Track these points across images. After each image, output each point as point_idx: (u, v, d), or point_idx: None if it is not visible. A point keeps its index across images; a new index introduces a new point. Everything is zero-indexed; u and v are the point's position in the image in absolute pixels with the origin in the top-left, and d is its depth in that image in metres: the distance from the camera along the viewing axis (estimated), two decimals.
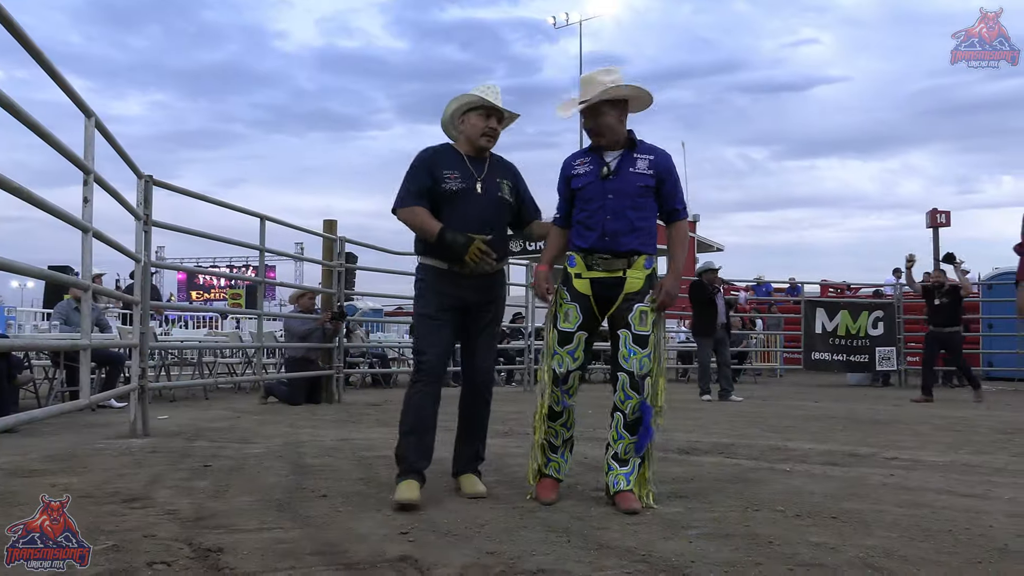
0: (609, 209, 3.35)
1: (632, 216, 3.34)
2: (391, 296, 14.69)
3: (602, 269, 3.38)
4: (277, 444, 5.12)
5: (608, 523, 3.01)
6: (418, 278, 3.53)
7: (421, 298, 3.48)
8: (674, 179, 3.44)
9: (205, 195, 6.96)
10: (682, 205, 3.47)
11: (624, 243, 3.34)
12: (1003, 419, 7.45)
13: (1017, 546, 2.70)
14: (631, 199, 3.35)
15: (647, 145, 3.47)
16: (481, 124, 3.50)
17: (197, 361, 10.38)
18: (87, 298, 4.64)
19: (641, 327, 3.32)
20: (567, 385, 3.40)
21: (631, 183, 3.36)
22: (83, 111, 4.49)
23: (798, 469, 4.30)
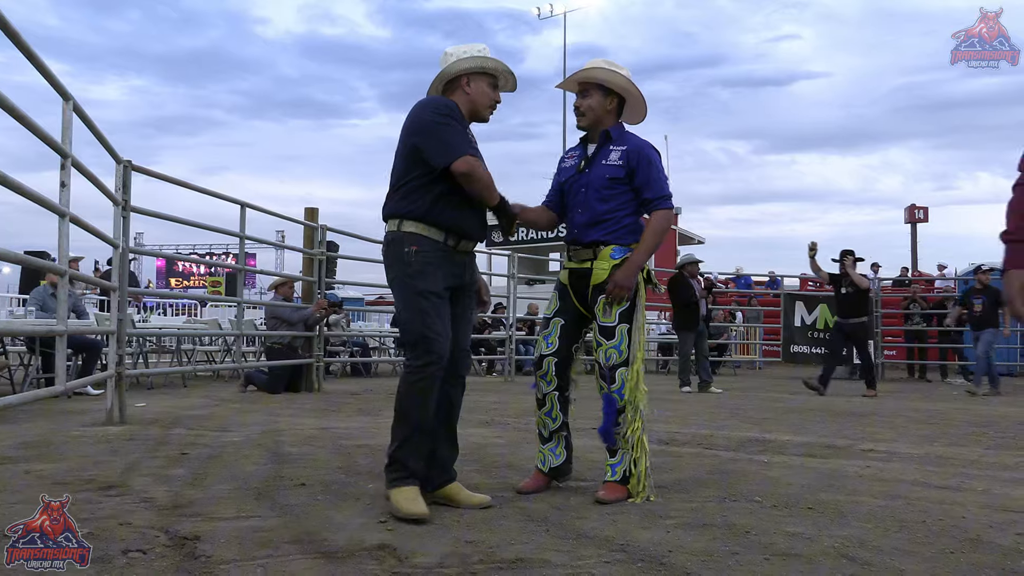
0: (580, 202, 3.40)
1: (598, 208, 3.35)
2: (373, 285, 14.67)
3: (574, 260, 3.43)
4: (256, 432, 5.09)
5: (587, 513, 3.02)
6: (411, 250, 3.00)
7: (421, 274, 2.99)
8: (647, 168, 3.35)
9: (185, 181, 6.90)
10: (656, 195, 3.35)
11: (589, 234, 3.36)
12: (977, 412, 7.55)
13: (989, 537, 2.74)
14: (598, 191, 3.36)
15: (626, 136, 3.45)
16: (491, 95, 3.21)
17: (176, 348, 10.31)
18: (64, 284, 4.58)
19: (606, 318, 3.31)
20: (542, 371, 3.41)
21: (600, 175, 3.37)
22: (61, 94, 4.43)
23: (776, 460, 4.34)
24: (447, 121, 2.98)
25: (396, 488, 2.92)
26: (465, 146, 2.96)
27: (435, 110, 3.01)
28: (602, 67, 3.41)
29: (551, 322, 3.45)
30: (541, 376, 3.42)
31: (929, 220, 24.00)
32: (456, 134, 2.97)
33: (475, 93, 3.16)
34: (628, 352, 3.32)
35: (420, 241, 3.01)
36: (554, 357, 3.41)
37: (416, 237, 3.01)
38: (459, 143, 2.96)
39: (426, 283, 2.98)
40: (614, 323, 3.31)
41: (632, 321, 3.35)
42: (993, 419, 6.85)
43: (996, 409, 7.99)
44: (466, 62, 3.13)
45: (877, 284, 13.91)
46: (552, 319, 3.45)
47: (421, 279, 2.99)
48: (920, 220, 23.58)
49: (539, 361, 3.43)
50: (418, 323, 2.96)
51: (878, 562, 2.41)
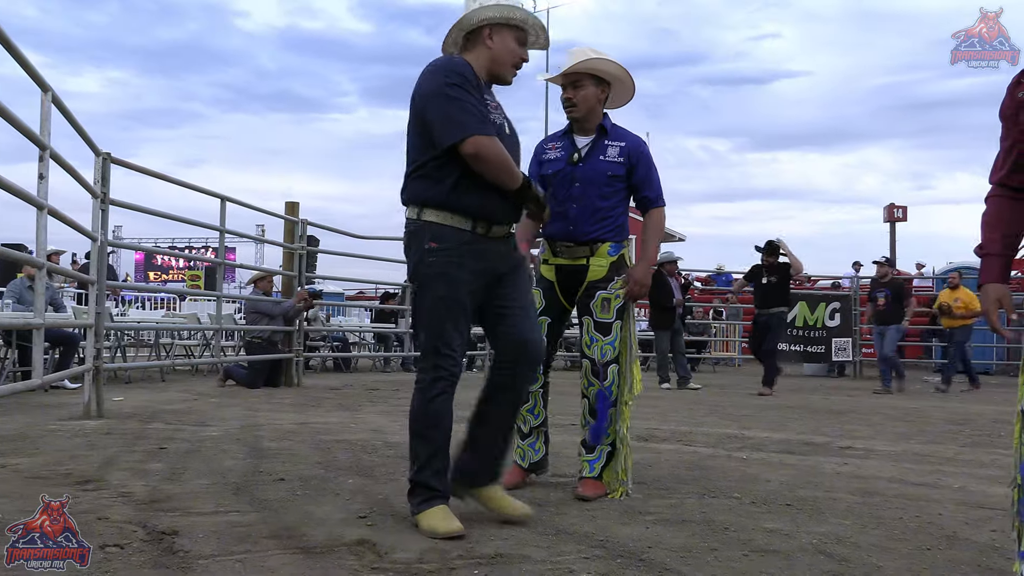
0: (576, 196, 3.32)
1: (599, 204, 3.31)
2: (354, 280, 14.61)
3: (565, 257, 3.36)
4: (235, 427, 5.06)
5: (567, 509, 3.03)
6: (431, 248, 2.63)
7: (441, 276, 2.63)
8: (646, 166, 3.36)
9: (164, 174, 6.84)
10: (655, 193, 3.38)
11: (587, 231, 3.32)
12: (954, 410, 7.63)
13: (965, 533, 2.77)
14: (598, 187, 3.31)
15: (620, 131, 3.42)
16: (517, 51, 2.79)
17: (154, 342, 10.22)
18: (41, 276, 4.53)
19: (603, 314, 3.31)
20: None
21: (600, 171, 3.32)
22: (39, 85, 4.38)
23: (754, 457, 4.37)
24: (456, 92, 2.56)
25: (424, 512, 2.61)
26: (474, 122, 2.55)
27: (444, 76, 2.59)
28: (598, 56, 3.32)
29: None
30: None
31: (908, 219, 24.21)
32: (465, 107, 2.55)
33: (498, 48, 2.74)
34: (619, 349, 3.33)
35: (443, 233, 2.64)
36: None
37: (438, 228, 2.63)
38: (467, 119, 2.55)
39: (445, 287, 2.63)
40: (611, 320, 3.30)
41: (625, 319, 3.36)
42: (969, 417, 6.93)
43: (972, 407, 8.09)
44: (490, 10, 2.72)
45: (856, 283, 14.02)
46: (539, 318, 3.40)
47: (439, 282, 2.63)
48: (899, 219, 23.78)
49: None
50: (430, 334, 2.65)
51: (855, 558, 2.43)
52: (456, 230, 2.65)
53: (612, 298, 3.32)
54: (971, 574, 2.35)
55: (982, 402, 8.79)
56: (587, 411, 3.35)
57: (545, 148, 3.48)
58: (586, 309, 3.34)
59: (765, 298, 9.62)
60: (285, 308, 8.73)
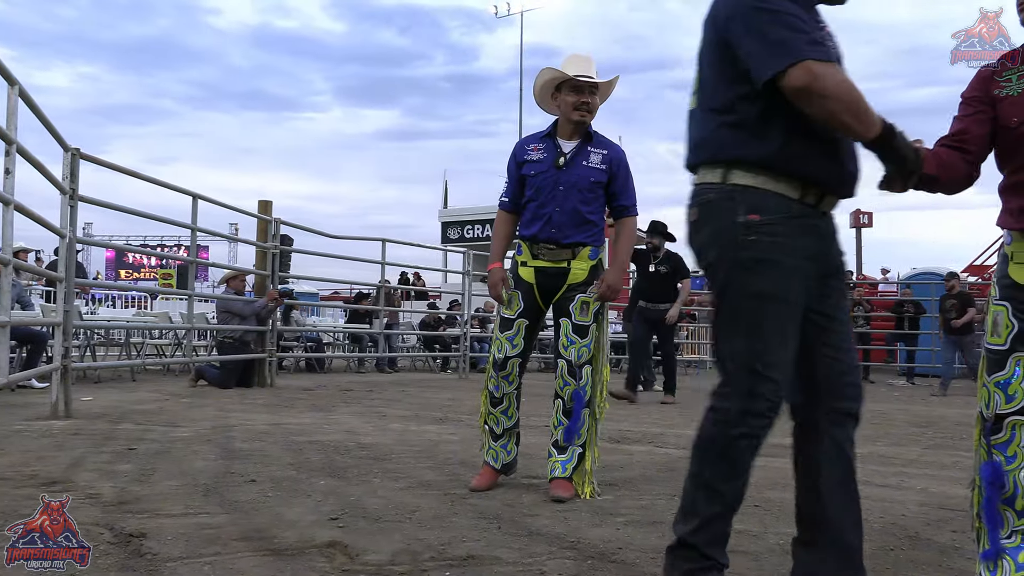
0: (559, 200, 3.36)
1: (581, 209, 3.36)
2: (328, 280, 14.54)
3: (547, 259, 3.39)
4: (206, 428, 5.02)
5: (538, 510, 3.04)
6: (749, 221, 1.89)
7: (765, 264, 1.89)
8: (625, 175, 3.44)
9: (135, 171, 6.77)
10: (631, 201, 3.47)
11: (570, 235, 3.36)
12: (918, 413, 7.76)
13: (927, 534, 2.83)
14: (581, 193, 3.35)
15: (602, 139, 3.47)
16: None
17: (124, 342, 10.10)
18: (7, 274, 4.47)
19: (581, 317, 3.35)
20: (505, 371, 3.39)
21: (584, 176, 3.36)
22: (6, 79, 4.32)
23: None
24: (774, 3, 1.84)
25: None
26: (803, 43, 1.80)
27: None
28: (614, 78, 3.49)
29: (515, 323, 3.40)
30: (504, 377, 3.40)
31: (874, 225, 24.54)
32: (791, 23, 1.82)
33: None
34: (594, 351, 3.38)
35: (764, 202, 1.90)
36: (519, 358, 3.41)
37: (758, 196, 1.91)
38: (794, 39, 1.80)
39: (770, 281, 1.90)
40: (589, 322, 3.36)
41: (599, 322, 3.41)
42: (932, 420, 7.05)
43: (935, 410, 8.23)
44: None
45: None
46: (516, 320, 3.40)
47: (762, 273, 1.90)
48: (865, 225, 24.09)
49: (504, 363, 3.39)
50: (747, 347, 1.92)
51: None
52: (782, 200, 1.91)
53: (591, 301, 3.36)
54: (933, 574, 2.40)
55: (945, 405, 8.95)
56: (560, 411, 3.38)
57: (527, 148, 3.49)
58: (564, 311, 3.38)
59: (653, 290, 8.25)
60: (256, 308, 8.67)
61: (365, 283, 13.11)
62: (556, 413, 3.40)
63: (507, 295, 3.42)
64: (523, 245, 3.47)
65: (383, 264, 10.72)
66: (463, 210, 22.08)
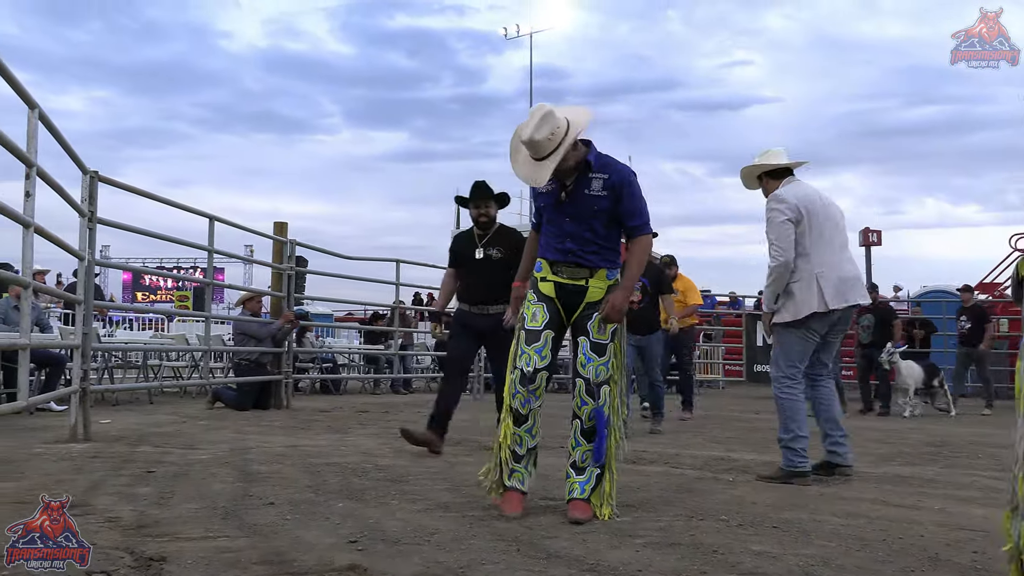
0: (567, 232, 3.39)
1: (590, 237, 3.38)
2: (343, 301, 14.60)
3: (566, 276, 3.41)
4: (223, 450, 5.05)
5: (557, 532, 3.04)
6: None
7: None
8: (630, 195, 3.38)
9: (153, 193, 6.84)
10: (640, 221, 3.41)
11: (586, 259, 3.39)
12: (931, 432, 7.69)
13: (947, 555, 2.80)
14: (587, 222, 3.37)
15: (605, 161, 3.42)
16: None
17: (142, 364, 10.17)
18: (27, 296, 4.53)
19: (599, 335, 3.35)
20: (534, 385, 3.33)
21: (587, 206, 3.37)
22: (27, 103, 4.39)
23: (741, 480, 4.39)
24: None
25: None
26: None
27: None
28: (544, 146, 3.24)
29: (542, 334, 3.36)
30: (532, 391, 3.34)
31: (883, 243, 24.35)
32: None
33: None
34: (612, 371, 3.37)
35: None
36: (547, 371, 3.38)
37: None
38: None
39: None
40: (607, 341, 3.35)
41: (617, 341, 3.41)
42: (946, 439, 6.98)
43: (948, 428, 8.15)
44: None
45: None
46: (543, 331, 3.37)
47: None
48: (874, 243, 23.93)
49: (533, 375, 3.33)
50: None
51: None
52: None
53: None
54: None
55: (957, 424, 8.87)
56: (578, 431, 3.36)
57: None
58: (583, 329, 3.38)
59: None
60: (272, 330, 8.72)
61: (379, 304, 13.15)
62: (574, 434, 3.38)
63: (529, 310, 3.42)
64: (543, 263, 3.48)
65: (397, 285, 10.76)
66: None
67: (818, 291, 4.28)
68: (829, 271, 4.32)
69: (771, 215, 4.38)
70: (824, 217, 4.41)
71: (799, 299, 4.32)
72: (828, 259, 4.34)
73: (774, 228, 4.35)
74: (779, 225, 4.33)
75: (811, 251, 4.33)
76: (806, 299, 4.30)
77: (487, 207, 5.42)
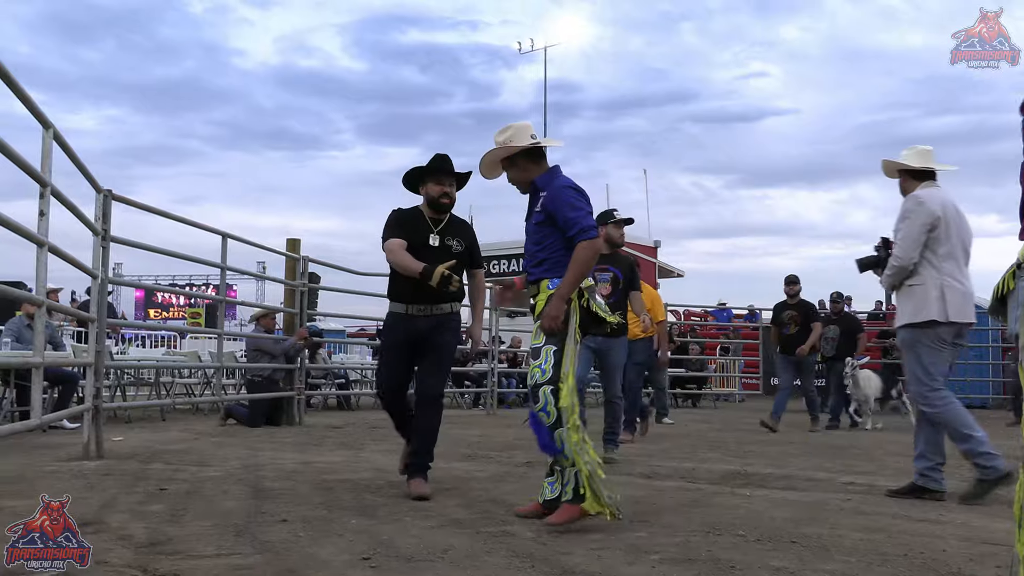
0: (527, 250, 3.69)
1: (534, 250, 3.64)
2: (355, 317, 14.60)
3: (531, 294, 3.66)
4: (236, 467, 5.03)
5: (572, 548, 3.01)
6: None
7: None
8: (561, 210, 3.50)
9: (167, 211, 6.87)
10: (574, 231, 3.45)
11: (533, 273, 3.63)
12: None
13: (970, 570, 2.75)
14: (532, 236, 3.65)
15: (543, 180, 3.66)
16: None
17: (154, 381, 10.19)
18: (41, 314, 4.54)
19: (535, 340, 3.52)
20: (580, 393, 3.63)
21: (533, 223, 3.66)
22: (41, 122, 4.42)
23: (758, 494, 4.34)
24: None
25: None
26: None
27: None
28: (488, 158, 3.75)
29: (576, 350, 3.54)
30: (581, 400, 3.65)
31: None
32: None
33: None
34: (552, 372, 3.41)
35: None
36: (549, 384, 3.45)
37: None
38: None
39: None
40: (541, 344, 3.49)
41: (561, 344, 3.45)
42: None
43: None
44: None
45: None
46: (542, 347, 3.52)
47: None
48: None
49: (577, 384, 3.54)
50: None
51: None
52: None
53: None
54: None
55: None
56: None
57: None
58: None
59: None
60: (286, 347, 8.73)
61: None
62: None
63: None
64: None
65: None
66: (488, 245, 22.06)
67: (941, 300, 4.25)
68: (955, 283, 4.30)
69: (909, 216, 4.34)
70: (957, 228, 4.38)
71: (922, 303, 4.30)
72: (955, 271, 4.33)
73: (906, 227, 4.33)
74: (913, 227, 4.31)
75: (941, 260, 4.31)
76: (928, 305, 4.27)
77: (451, 186, 4.29)
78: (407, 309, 4.20)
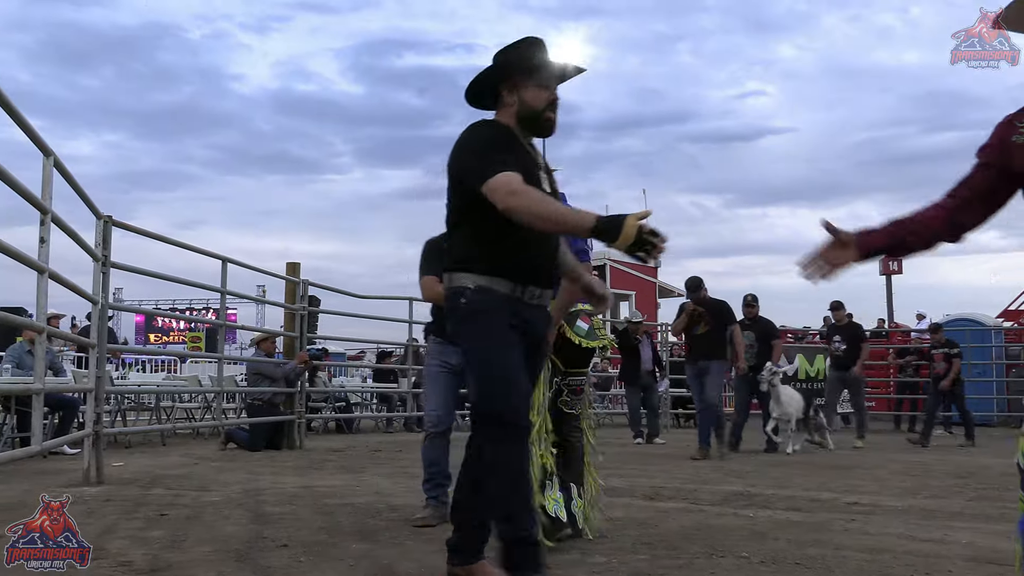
0: None
1: None
2: (355, 340, 14.60)
3: None
4: (236, 492, 5.01)
5: (574, 571, 2.99)
6: None
7: None
8: None
9: (167, 236, 6.90)
10: None
11: None
12: (958, 464, 7.56)
13: None
14: None
15: None
16: None
17: (154, 406, 10.17)
18: (41, 341, 4.54)
19: None
20: None
21: None
22: (42, 150, 4.44)
23: (761, 515, 4.32)
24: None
25: None
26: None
27: None
28: None
29: None
30: None
31: (903, 271, 24.29)
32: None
33: None
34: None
35: None
36: None
37: None
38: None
39: None
40: None
41: None
42: (973, 470, 6.87)
43: (976, 460, 8.02)
44: None
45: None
46: None
47: None
48: (895, 272, 23.86)
49: None
50: None
51: None
52: None
53: None
54: None
55: (986, 455, 8.71)
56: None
57: None
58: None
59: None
60: (286, 370, 8.72)
61: (393, 342, 13.14)
62: None
63: None
64: None
65: (410, 323, 10.75)
66: None
67: None
68: None
69: None
70: None
71: None
72: None
73: None
74: None
75: None
76: None
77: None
78: (517, 291, 2.56)
